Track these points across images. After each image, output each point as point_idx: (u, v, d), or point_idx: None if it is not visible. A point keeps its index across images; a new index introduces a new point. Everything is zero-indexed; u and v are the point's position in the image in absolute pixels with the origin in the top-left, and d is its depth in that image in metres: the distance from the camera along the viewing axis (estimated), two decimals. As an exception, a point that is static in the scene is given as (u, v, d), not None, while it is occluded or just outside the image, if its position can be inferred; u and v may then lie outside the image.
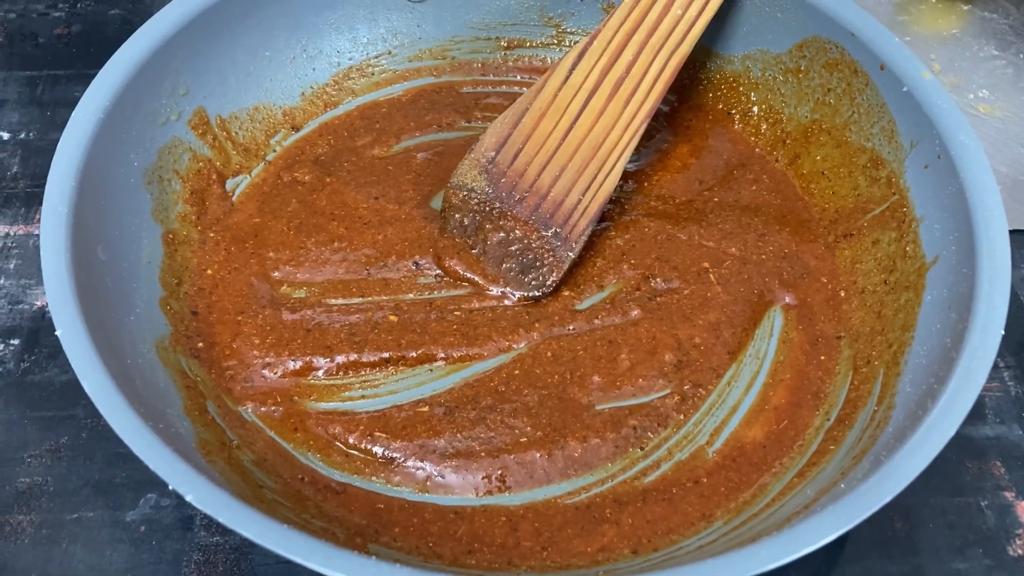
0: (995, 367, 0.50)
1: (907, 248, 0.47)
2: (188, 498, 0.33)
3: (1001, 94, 0.62)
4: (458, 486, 0.42)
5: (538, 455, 0.43)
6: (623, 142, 0.51)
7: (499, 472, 0.43)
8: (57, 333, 0.37)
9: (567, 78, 0.51)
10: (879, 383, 0.44)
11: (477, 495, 0.42)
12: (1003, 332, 0.39)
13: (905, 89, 0.48)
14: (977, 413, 0.49)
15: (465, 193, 0.50)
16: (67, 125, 0.44)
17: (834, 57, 0.52)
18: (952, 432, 0.36)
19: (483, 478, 0.43)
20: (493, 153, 0.51)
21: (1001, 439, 0.48)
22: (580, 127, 0.51)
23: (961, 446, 0.47)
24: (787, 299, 0.49)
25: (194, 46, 0.50)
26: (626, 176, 0.54)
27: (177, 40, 0.49)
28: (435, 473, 0.43)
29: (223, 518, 0.33)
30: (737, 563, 0.33)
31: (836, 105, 0.52)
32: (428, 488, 0.42)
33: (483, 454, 0.43)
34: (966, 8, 0.67)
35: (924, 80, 0.47)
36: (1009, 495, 0.46)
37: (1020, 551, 0.44)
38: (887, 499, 0.35)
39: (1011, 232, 0.44)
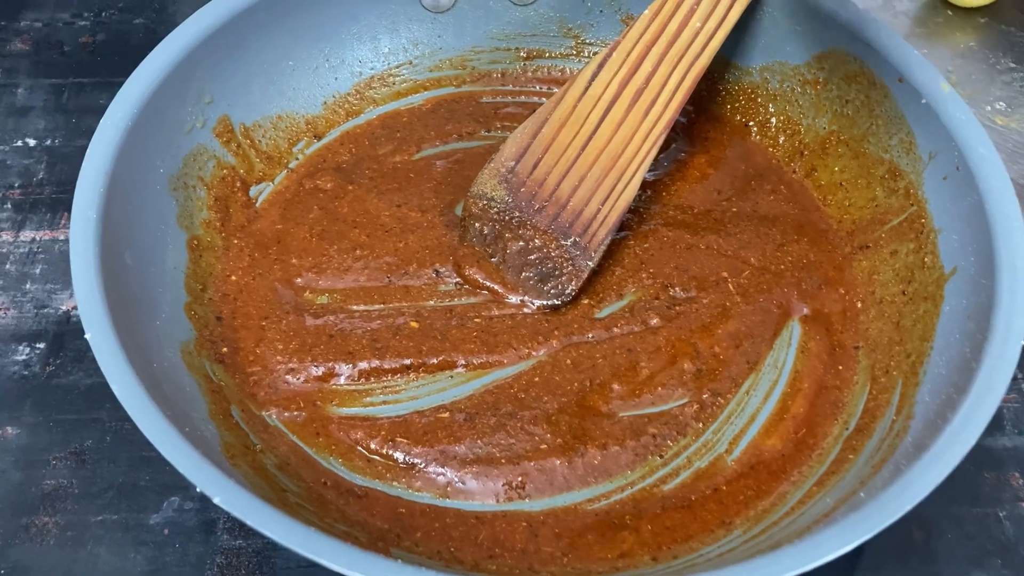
0: (1013, 378, 0.50)
1: (925, 259, 0.47)
2: (216, 500, 0.34)
3: (1018, 106, 0.62)
4: (479, 492, 0.43)
5: (558, 462, 0.43)
6: (642, 153, 0.51)
7: (519, 479, 0.43)
8: (87, 336, 0.38)
9: (587, 89, 0.51)
10: (898, 393, 0.44)
11: (498, 501, 0.43)
12: (1023, 343, 0.39)
13: (924, 101, 0.48)
14: (995, 424, 0.49)
15: (485, 202, 0.51)
16: (95, 133, 0.45)
17: (852, 69, 0.52)
18: (972, 442, 0.37)
19: (503, 484, 0.43)
20: (513, 163, 0.51)
21: (1019, 450, 0.48)
22: (599, 138, 0.51)
23: (979, 456, 0.47)
24: (805, 310, 0.50)
25: (219, 55, 0.51)
26: (644, 186, 0.55)
27: (202, 49, 0.50)
28: (456, 479, 0.43)
29: (251, 521, 0.33)
30: (758, 570, 0.33)
31: (854, 117, 0.53)
32: (449, 493, 0.43)
33: (503, 460, 0.43)
34: (983, 21, 0.67)
35: (943, 92, 0.48)
36: (1027, 506, 0.46)
37: (1038, 562, 0.44)
38: (907, 508, 0.35)
39: (1030, 244, 0.44)
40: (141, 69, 0.48)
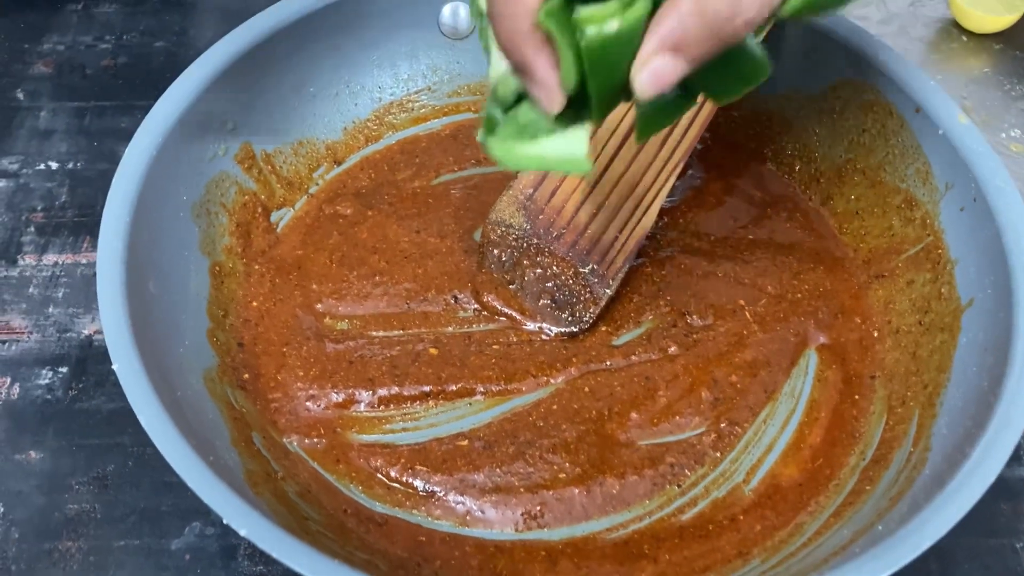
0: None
1: (942, 290, 0.48)
2: (243, 533, 0.34)
3: (1033, 134, 0.62)
4: (497, 521, 0.43)
5: (577, 491, 0.44)
6: (659, 182, 0.52)
7: (538, 508, 0.43)
8: (114, 367, 0.38)
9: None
10: (914, 424, 0.45)
11: (516, 530, 0.43)
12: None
13: (941, 132, 0.48)
14: (1012, 455, 0.49)
15: (503, 229, 0.51)
16: (120, 163, 0.45)
17: (869, 99, 0.52)
18: (992, 478, 0.37)
19: (522, 513, 0.43)
20: (531, 190, 0.52)
21: (1035, 481, 0.48)
22: (616, 166, 0.52)
23: (995, 487, 0.47)
24: (822, 339, 0.50)
25: (241, 83, 0.51)
26: (661, 213, 0.55)
27: (226, 78, 0.50)
28: (475, 508, 0.43)
29: (278, 554, 0.33)
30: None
31: (870, 146, 0.53)
32: (468, 522, 0.43)
33: (522, 490, 0.44)
34: (998, 47, 0.68)
35: (960, 124, 0.48)
36: (1044, 537, 0.46)
37: (1055, 594, 0.44)
38: (925, 546, 0.35)
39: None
40: (165, 98, 0.48)
